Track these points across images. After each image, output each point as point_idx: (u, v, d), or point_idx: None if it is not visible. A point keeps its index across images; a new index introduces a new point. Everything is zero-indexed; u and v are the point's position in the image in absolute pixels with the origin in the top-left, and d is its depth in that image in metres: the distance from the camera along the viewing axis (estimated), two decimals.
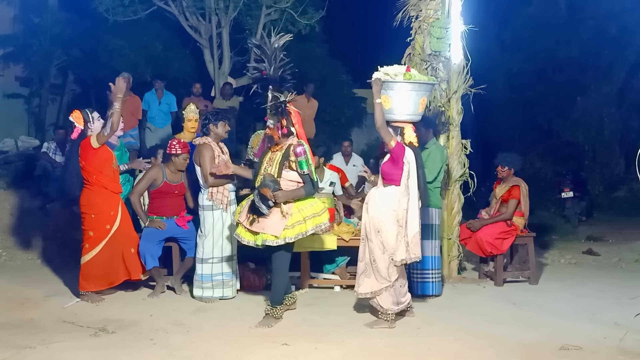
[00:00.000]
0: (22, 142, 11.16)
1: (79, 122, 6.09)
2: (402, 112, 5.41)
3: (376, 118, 5.34)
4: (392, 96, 5.38)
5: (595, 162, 13.48)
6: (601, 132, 13.42)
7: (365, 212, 5.50)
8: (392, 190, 5.35)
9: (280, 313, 5.45)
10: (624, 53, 13.14)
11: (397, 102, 5.39)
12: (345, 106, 13.66)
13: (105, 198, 6.11)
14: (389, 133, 5.34)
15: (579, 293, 6.57)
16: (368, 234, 5.43)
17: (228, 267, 6.17)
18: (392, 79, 5.36)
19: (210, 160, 5.97)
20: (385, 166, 5.43)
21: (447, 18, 6.87)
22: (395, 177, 5.34)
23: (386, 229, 5.31)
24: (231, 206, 6.14)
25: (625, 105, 13.45)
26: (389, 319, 5.36)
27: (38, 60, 12.93)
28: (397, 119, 5.43)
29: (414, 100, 5.42)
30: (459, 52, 6.95)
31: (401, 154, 5.31)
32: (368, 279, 5.43)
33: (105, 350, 4.74)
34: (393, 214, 5.31)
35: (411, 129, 5.44)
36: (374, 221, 5.37)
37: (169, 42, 12.15)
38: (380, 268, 5.34)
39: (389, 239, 5.32)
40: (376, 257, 5.36)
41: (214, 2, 10.68)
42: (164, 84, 10.37)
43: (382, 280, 5.36)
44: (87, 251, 6.07)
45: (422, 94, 5.48)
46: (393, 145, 5.31)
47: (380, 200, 5.40)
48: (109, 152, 6.21)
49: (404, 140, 5.40)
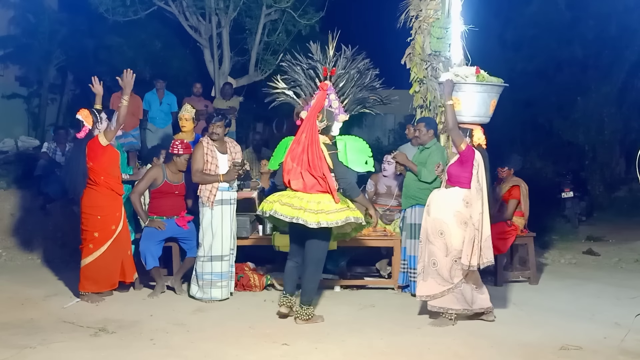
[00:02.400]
0: (22, 142, 11.16)
1: (88, 121, 6.02)
2: (472, 113, 5.35)
3: (447, 120, 5.30)
4: (462, 97, 5.31)
5: (596, 162, 13.47)
6: (601, 132, 13.40)
7: (426, 214, 5.42)
8: (457, 192, 5.27)
9: (311, 312, 5.40)
10: (625, 53, 13.12)
11: (467, 104, 5.31)
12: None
13: (111, 199, 6.12)
14: (460, 135, 5.26)
15: (579, 293, 6.57)
16: (429, 236, 5.34)
17: (218, 267, 6.13)
18: (463, 80, 5.30)
19: (199, 157, 6.05)
20: (452, 168, 5.35)
21: (447, 18, 6.86)
22: (461, 180, 5.25)
23: (450, 231, 5.23)
24: (224, 206, 6.12)
25: (626, 105, 13.44)
26: (452, 318, 5.29)
27: (37, 60, 12.94)
28: (466, 120, 5.36)
29: (485, 102, 5.35)
30: (459, 52, 6.93)
31: (471, 157, 5.22)
32: (425, 282, 5.36)
33: (105, 350, 4.74)
34: (457, 216, 5.22)
35: (480, 131, 5.38)
36: (436, 223, 5.29)
37: (168, 42, 12.16)
38: (442, 270, 5.26)
39: (453, 241, 5.22)
40: (437, 259, 5.27)
41: (214, 2, 10.67)
42: (165, 84, 10.38)
43: (444, 283, 5.27)
44: (91, 252, 6.06)
45: (493, 96, 5.39)
46: (463, 148, 5.22)
47: (444, 201, 5.31)
48: (116, 153, 6.22)
49: (472, 142, 5.33)
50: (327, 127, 5.48)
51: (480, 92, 5.33)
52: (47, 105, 13.38)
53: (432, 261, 5.32)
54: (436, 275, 5.31)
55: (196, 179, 6.09)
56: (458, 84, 5.31)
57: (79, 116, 6.06)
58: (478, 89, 5.32)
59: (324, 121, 5.44)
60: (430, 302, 5.38)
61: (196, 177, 6.08)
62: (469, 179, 5.23)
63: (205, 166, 6.06)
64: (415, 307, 5.78)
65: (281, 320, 5.50)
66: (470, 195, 5.22)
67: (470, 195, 5.22)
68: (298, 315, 5.37)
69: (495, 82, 5.41)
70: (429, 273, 5.34)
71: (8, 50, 13.05)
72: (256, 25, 11.15)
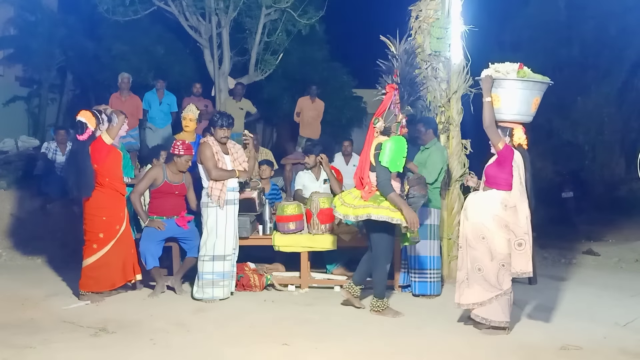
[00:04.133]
0: (22, 142, 11.14)
1: (91, 123, 5.99)
2: (513, 111, 5.12)
3: (484, 117, 5.07)
4: (502, 94, 5.09)
5: (595, 162, 13.46)
6: (601, 132, 13.40)
7: (464, 218, 5.20)
8: (494, 194, 5.06)
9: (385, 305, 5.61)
10: (624, 53, 13.12)
11: (508, 101, 5.09)
12: (346, 107, 13.66)
13: (115, 200, 6.13)
14: (497, 134, 5.06)
15: (579, 293, 6.58)
16: (469, 241, 5.12)
17: (220, 267, 6.14)
18: (504, 76, 5.07)
19: (211, 155, 6.07)
20: (490, 168, 5.15)
21: (447, 18, 6.87)
22: (500, 181, 5.05)
23: (492, 235, 5.01)
24: (228, 206, 6.14)
25: (626, 105, 13.44)
26: (505, 327, 5.10)
27: (37, 60, 12.93)
28: (506, 119, 5.14)
29: (527, 100, 5.10)
30: (459, 52, 6.94)
31: (509, 157, 5.02)
32: (470, 289, 5.12)
33: (105, 350, 4.74)
34: (496, 219, 5.01)
35: (521, 130, 5.16)
36: (476, 227, 5.08)
37: (169, 44, 12.16)
38: (489, 276, 5.03)
39: (496, 246, 5.00)
40: (483, 265, 5.04)
41: (214, 2, 10.66)
42: (165, 84, 10.38)
43: (491, 289, 5.04)
44: (95, 252, 6.07)
45: (536, 93, 5.15)
46: (501, 148, 5.03)
47: (481, 205, 5.10)
48: (119, 154, 6.22)
49: (512, 142, 5.13)
50: (386, 128, 5.47)
51: (522, 89, 5.08)
52: (47, 106, 13.38)
53: (476, 267, 5.08)
54: (482, 281, 5.07)
55: (215, 176, 6.06)
56: (498, 80, 5.08)
57: (82, 118, 5.98)
58: (520, 86, 5.07)
59: (378, 122, 5.43)
60: (475, 311, 5.16)
61: (215, 174, 6.06)
62: (507, 181, 5.02)
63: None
64: (416, 307, 5.80)
65: (281, 320, 5.51)
66: (510, 197, 5.00)
67: (510, 197, 5.00)
68: (371, 307, 5.70)
69: (539, 78, 5.15)
70: (475, 279, 5.10)
71: (8, 50, 13.05)
72: (256, 25, 11.14)
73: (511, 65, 5.15)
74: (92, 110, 6.13)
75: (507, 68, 5.13)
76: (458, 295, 5.24)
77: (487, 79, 5.09)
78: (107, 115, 6.12)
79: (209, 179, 6.09)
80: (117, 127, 6.10)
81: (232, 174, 6.15)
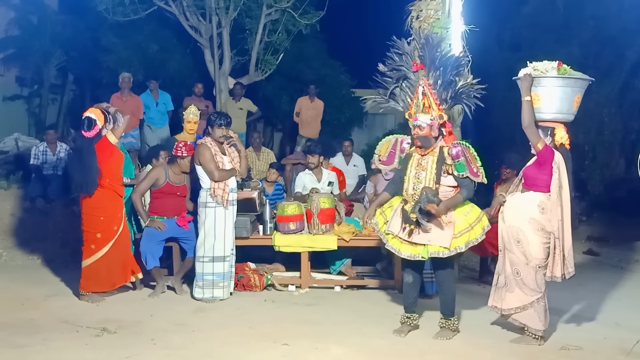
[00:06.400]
0: (22, 142, 11.14)
1: (100, 119, 5.96)
2: (553, 110, 4.95)
3: (523, 117, 4.90)
4: (542, 93, 4.92)
5: (595, 162, 13.44)
6: (601, 132, 13.37)
7: (501, 221, 5.11)
8: (531, 196, 4.95)
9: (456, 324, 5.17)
10: (625, 53, 13.10)
11: (548, 100, 4.92)
12: (345, 106, 13.65)
13: (113, 200, 6.13)
14: (537, 134, 4.90)
15: (579, 293, 6.57)
16: (507, 244, 5.05)
17: (220, 268, 6.14)
18: (544, 74, 4.92)
19: (211, 157, 6.04)
20: (528, 170, 5.03)
21: (447, 18, 6.87)
22: (538, 183, 4.93)
23: (527, 239, 4.92)
24: (222, 207, 6.12)
25: (626, 106, 13.42)
26: (537, 337, 4.96)
27: (38, 60, 12.95)
28: (547, 118, 4.97)
29: (568, 98, 4.93)
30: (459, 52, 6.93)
31: (549, 158, 4.88)
32: (511, 294, 5.02)
33: (106, 350, 4.74)
34: (532, 223, 4.91)
35: (563, 130, 4.99)
36: (512, 230, 4.99)
37: (167, 42, 12.15)
38: (527, 280, 4.95)
39: (531, 249, 4.92)
40: (520, 269, 4.96)
41: (214, 2, 10.66)
42: (158, 84, 10.37)
43: (531, 293, 4.95)
44: (93, 252, 6.07)
45: (578, 91, 4.98)
46: (540, 148, 4.88)
47: (518, 207, 5.01)
48: (121, 155, 6.23)
49: (554, 141, 4.98)
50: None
51: (563, 87, 4.92)
52: (48, 105, 13.39)
53: (515, 270, 4.99)
54: (522, 285, 4.97)
55: (218, 177, 6.03)
56: (537, 78, 4.91)
57: (92, 115, 5.95)
58: (560, 83, 4.91)
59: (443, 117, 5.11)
60: (515, 316, 5.04)
61: (218, 175, 6.03)
62: (547, 182, 4.89)
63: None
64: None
65: (281, 321, 5.51)
66: (548, 200, 4.90)
67: (548, 200, 4.90)
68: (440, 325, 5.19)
69: (579, 75, 5.01)
70: (515, 283, 5.01)
71: (9, 50, 13.06)
72: (256, 25, 11.14)
73: (550, 63, 4.99)
74: (101, 107, 6.12)
75: (546, 66, 4.97)
76: (498, 300, 5.11)
77: (526, 77, 4.93)
78: (111, 115, 6.11)
79: (212, 180, 6.08)
80: (122, 127, 6.10)
81: (232, 173, 6.16)
